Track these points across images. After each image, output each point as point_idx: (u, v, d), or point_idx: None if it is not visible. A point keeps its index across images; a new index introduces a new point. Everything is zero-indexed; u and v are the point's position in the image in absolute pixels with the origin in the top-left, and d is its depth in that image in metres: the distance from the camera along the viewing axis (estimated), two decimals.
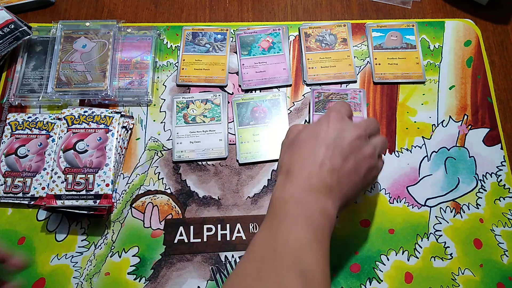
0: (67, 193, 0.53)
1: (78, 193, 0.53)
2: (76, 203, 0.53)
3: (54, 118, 0.60)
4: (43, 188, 0.56)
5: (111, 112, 0.59)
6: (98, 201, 0.53)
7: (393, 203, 0.56)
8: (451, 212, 0.56)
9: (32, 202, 0.56)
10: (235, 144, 0.59)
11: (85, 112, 0.58)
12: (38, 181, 0.56)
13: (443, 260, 0.53)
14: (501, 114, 0.62)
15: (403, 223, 0.55)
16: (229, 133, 0.60)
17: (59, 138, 0.57)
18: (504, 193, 0.57)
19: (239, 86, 0.63)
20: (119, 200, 0.56)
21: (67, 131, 0.57)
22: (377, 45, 0.66)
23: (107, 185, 0.54)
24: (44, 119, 0.60)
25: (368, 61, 0.65)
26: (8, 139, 0.59)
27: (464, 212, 0.56)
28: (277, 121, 0.61)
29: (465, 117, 0.61)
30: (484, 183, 0.57)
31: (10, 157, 0.57)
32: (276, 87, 0.63)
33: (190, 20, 0.70)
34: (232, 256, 0.53)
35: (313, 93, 0.62)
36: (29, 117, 0.60)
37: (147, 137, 0.60)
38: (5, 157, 0.57)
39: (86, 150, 0.56)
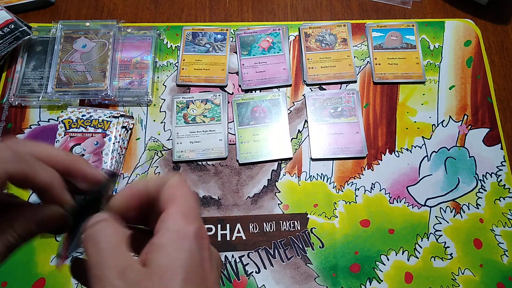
0: None
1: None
2: None
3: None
4: None
5: (109, 116, 0.58)
6: None
7: (393, 203, 0.56)
8: (451, 212, 0.56)
9: None
10: (235, 144, 0.59)
11: (83, 116, 0.58)
12: None
13: (443, 260, 0.53)
14: (501, 114, 0.62)
15: (403, 223, 0.55)
16: (229, 133, 0.60)
17: (56, 142, 0.57)
18: (504, 193, 0.57)
19: (239, 86, 0.63)
20: None
21: (64, 135, 0.57)
22: (377, 45, 0.66)
23: None
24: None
25: (368, 61, 0.65)
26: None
27: (464, 212, 0.56)
28: (277, 121, 0.60)
29: (465, 117, 0.61)
30: (484, 183, 0.57)
31: None
32: (276, 87, 0.63)
33: (190, 20, 0.70)
34: (232, 256, 0.53)
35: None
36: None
37: (147, 137, 0.60)
38: None
39: (83, 155, 0.55)
